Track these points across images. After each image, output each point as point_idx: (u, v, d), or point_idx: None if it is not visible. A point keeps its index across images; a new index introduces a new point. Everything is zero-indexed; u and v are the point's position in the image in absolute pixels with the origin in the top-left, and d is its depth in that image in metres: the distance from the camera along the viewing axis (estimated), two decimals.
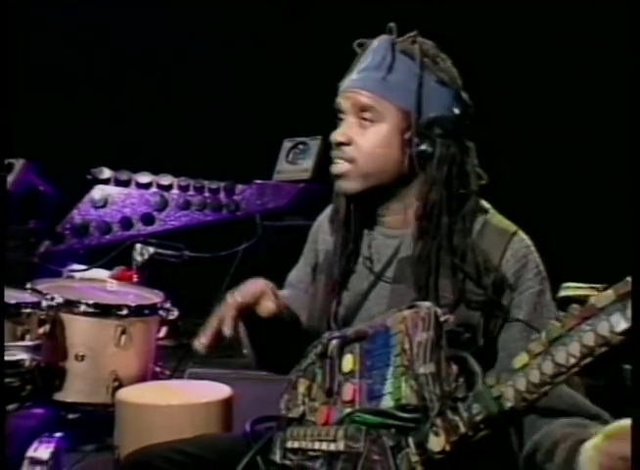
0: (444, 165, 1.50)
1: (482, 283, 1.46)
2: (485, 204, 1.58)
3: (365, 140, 1.53)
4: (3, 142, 2.26)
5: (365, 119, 1.53)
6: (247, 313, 1.48)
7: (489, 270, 1.47)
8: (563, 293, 1.91)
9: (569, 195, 4.18)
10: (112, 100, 5.10)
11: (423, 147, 1.50)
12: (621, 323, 1.04)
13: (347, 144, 1.54)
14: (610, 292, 1.06)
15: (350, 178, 1.55)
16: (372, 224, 1.62)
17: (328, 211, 1.73)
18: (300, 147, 4.00)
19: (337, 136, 1.56)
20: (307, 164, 3.92)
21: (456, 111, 1.52)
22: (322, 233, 1.72)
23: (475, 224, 1.53)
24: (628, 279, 1.04)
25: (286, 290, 1.77)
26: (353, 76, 1.56)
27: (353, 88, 1.55)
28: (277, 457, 1.44)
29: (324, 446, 1.33)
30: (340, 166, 1.56)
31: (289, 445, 1.43)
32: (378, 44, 1.56)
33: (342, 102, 1.57)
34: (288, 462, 1.42)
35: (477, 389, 1.19)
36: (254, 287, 1.50)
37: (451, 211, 1.51)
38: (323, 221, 1.73)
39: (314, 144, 3.91)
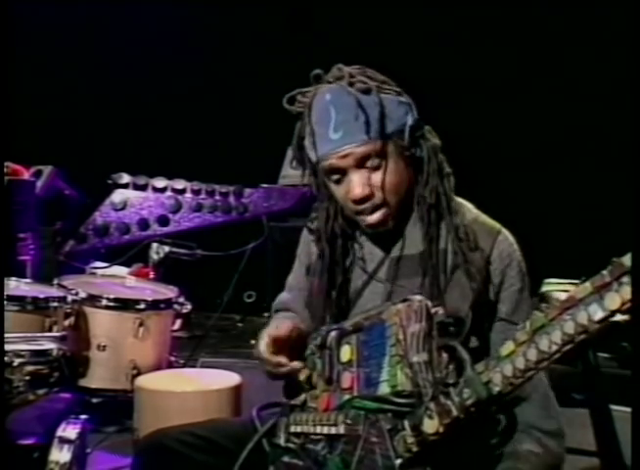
0: (434, 156, 1.51)
1: (475, 280, 1.46)
2: (468, 204, 1.57)
3: (383, 180, 1.47)
4: (4, 148, 2.25)
5: (370, 164, 1.47)
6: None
7: (480, 270, 1.47)
8: (545, 288, 1.92)
9: (551, 193, 4.14)
10: (130, 112, 5.10)
11: (417, 154, 1.50)
12: (598, 312, 1.03)
13: (371, 194, 1.47)
14: (587, 284, 1.06)
15: (389, 220, 1.50)
16: (362, 228, 1.57)
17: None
18: None
19: (359, 191, 1.47)
20: None
21: (414, 112, 1.50)
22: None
23: (463, 223, 1.51)
24: (604, 272, 1.04)
25: (287, 293, 1.76)
26: (333, 137, 1.46)
27: (344, 146, 1.46)
28: (281, 441, 1.44)
29: (325, 429, 1.33)
30: (376, 216, 1.49)
31: (292, 429, 1.43)
32: (333, 97, 1.47)
33: (340, 162, 1.47)
34: (291, 445, 1.42)
35: (467, 375, 1.18)
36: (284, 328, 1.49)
37: (450, 209, 1.50)
38: None
39: None
